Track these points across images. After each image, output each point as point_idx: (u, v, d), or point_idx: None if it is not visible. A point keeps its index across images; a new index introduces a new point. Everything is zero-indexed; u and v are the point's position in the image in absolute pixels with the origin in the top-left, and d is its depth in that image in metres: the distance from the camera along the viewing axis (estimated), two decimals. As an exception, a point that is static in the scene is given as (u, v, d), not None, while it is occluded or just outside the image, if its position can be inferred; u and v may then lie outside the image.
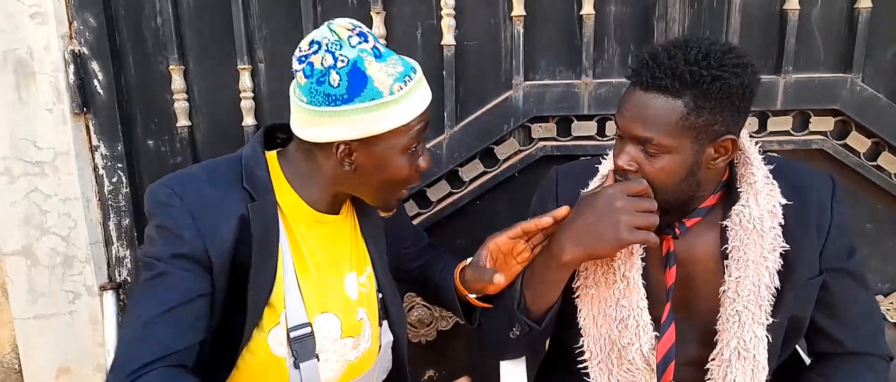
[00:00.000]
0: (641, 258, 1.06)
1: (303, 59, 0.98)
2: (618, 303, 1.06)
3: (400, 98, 0.97)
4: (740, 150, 1.05)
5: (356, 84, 0.95)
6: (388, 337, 1.20)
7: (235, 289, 1.02)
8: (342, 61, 0.95)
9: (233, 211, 1.00)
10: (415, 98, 1.00)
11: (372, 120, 0.96)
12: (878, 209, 1.64)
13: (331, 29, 0.98)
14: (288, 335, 1.03)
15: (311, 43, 0.98)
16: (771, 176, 1.03)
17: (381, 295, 1.18)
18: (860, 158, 1.58)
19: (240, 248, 1.00)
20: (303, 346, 1.04)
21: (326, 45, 0.96)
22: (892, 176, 1.59)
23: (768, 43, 1.53)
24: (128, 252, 1.68)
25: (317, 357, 1.06)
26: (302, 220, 1.07)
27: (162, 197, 0.99)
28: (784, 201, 1.02)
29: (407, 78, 0.99)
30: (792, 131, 1.56)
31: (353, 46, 0.96)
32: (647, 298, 1.06)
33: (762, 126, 1.57)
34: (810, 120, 1.56)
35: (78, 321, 1.70)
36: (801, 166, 1.10)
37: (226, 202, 1.00)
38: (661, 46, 0.96)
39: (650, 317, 1.05)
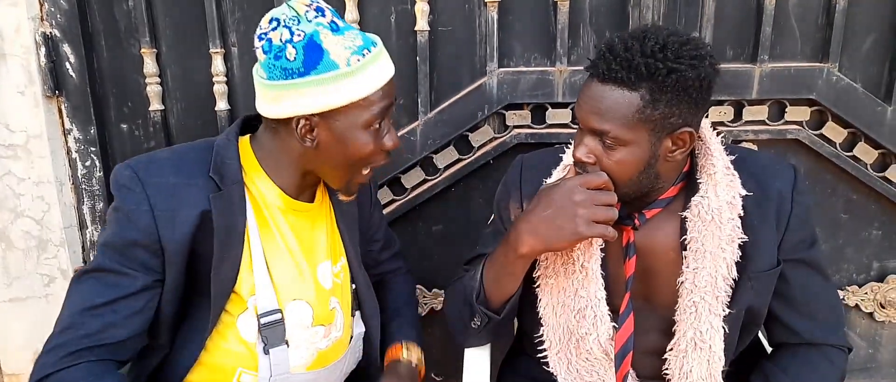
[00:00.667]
0: (601, 249, 1.05)
1: (262, 36, 0.97)
2: (576, 293, 1.05)
3: (356, 70, 0.95)
4: (701, 140, 1.04)
5: (312, 57, 0.94)
6: (360, 328, 1.20)
7: (196, 276, 1.02)
8: (299, 35, 0.94)
9: (195, 200, 0.99)
10: (372, 70, 0.97)
11: (328, 92, 0.95)
12: (853, 200, 1.64)
13: (289, 5, 0.97)
14: (258, 321, 1.04)
15: (271, 20, 0.97)
16: (732, 167, 1.03)
17: (354, 286, 1.19)
18: (836, 148, 1.57)
19: (200, 237, 1.00)
20: (273, 333, 1.05)
21: (284, 20, 0.96)
22: (868, 167, 1.58)
23: (744, 32, 1.51)
24: (102, 236, 1.68)
25: (286, 343, 1.06)
26: (276, 206, 1.07)
27: (123, 180, 0.99)
28: (744, 192, 1.01)
29: (365, 51, 0.97)
30: (768, 121, 1.56)
31: (310, 21, 0.96)
32: (606, 289, 1.06)
33: (738, 115, 1.56)
34: (786, 110, 1.55)
35: (53, 305, 1.70)
36: (763, 156, 1.09)
37: (189, 191, 1.00)
38: (618, 38, 0.95)
39: (608, 308, 1.05)
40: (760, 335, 1.22)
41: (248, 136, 1.10)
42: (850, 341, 1.57)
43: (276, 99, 0.97)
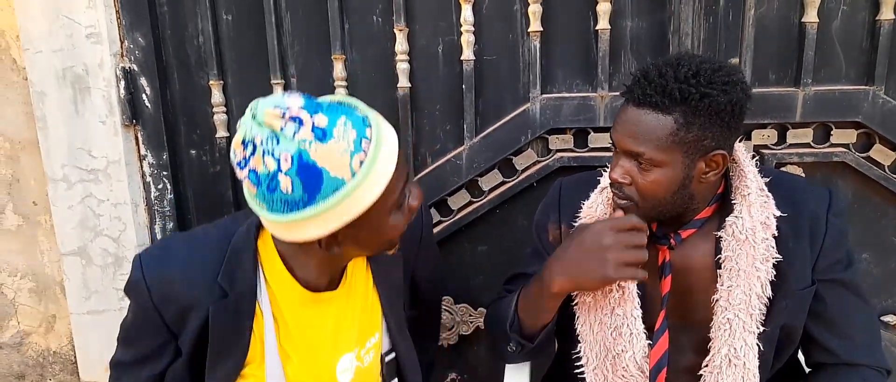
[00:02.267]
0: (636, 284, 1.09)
1: (242, 164, 0.86)
2: (613, 311, 1.09)
3: (365, 173, 0.86)
4: (736, 162, 1.07)
5: (311, 183, 0.84)
6: None
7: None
8: (286, 162, 0.82)
9: (200, 306, 1.00)
10: (381, 163, 0.87)
11: (344, 210, 0.86)
12: (905, 223, 1.61)
13: (258, 122, 0.83)
14: None
15: (244, 143, 0.85)
16: (766, 189, 1.05)
17: (393, 355, 1.16)
18: (884, 171, 1.55)
19: (206, 335, 1.02)
20: None
21: (260, 144, 0.83)
22: (919, 189, 1.56)
23: (786, 55, 1.53)
24: (171, 254, 1.81)
25: None
26: (294, 301, 1.04)
27: (132, 284, 1.02)
28: (778, 213, 1.03)
29: (364, 141, 0.86)
30: (813, 144, 1.56)
31: (291, 138, 0.83)
32: (642, 307, 1.09)
33: (782, 138, 1.56)
34: (832, 133, 1.55)
35: (126, 317, 1.84)
36: (798, 179, 1.11)
37: (194, 297, 1.00)
38: (653, 64, 1.00)
39: (643, 326, 1.08)
40: (799, 355, 1.22)
41: (265, 232, 1.05)
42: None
43: (286, 230, 0.90)
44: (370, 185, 0.86)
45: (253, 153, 0.84)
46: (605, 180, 1.16)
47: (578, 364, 1.16)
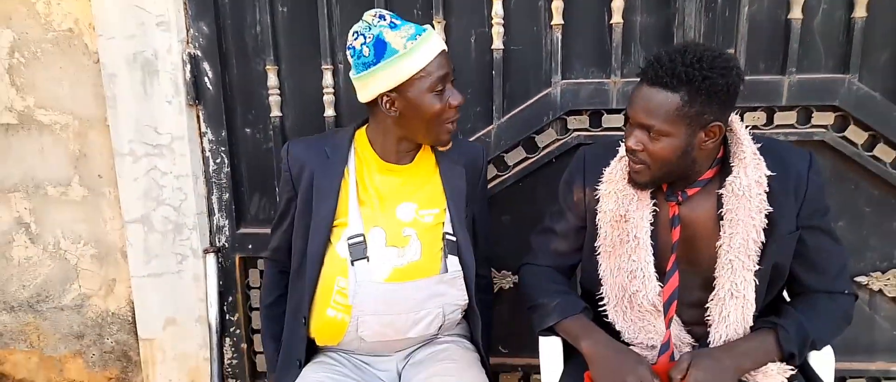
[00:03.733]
0: (650, 223, 1.31)
1: (349, 47, 1.37)
2: (629, 258, 1.31)
3: (411, 51, 1.31)
4: (733, 132, 1.30)
5: (379, 50, 1.32)
6: (455, 267, 1.46)
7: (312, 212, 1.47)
8: (369, 38, 1.33)
9: (311, 166, 1.46)
10: (424, 49, 1.33)
11: (395, 71, 1.32)
12: (875, 195, 1.85)
13: (363, 20, 1.36)
14: (347, 242, 1.41)
15: (352, 33, 1.37)
16: (758, 153, 1.28)
17: (452, 237, 1.47)
18: (858, 149, 1.80)
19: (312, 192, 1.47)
20: (356, 249, 1.41)
21: (360, 31, 1.35)
22: (888, 165, 1.80)
23: (774, 47, 1.77)
24: (227, 222, 2.02)
25: (367, 258, 1.41)
26: (372, 167, 1.46)
27: (282, 154, 1.52)
28: (769, 173, 1.26)
29: (417, 36, 1.32)
30: (796, 125, 1.79)
31: (375, 26, 1.33)
32: (654, 254, 1.31)
33: (770, 120, 1.80)
34: (812, 115, 1.79)
35: (184, 280, 2.04)
36: (784, 144, 1.34)
37: (311, 157, 1.47)
38: (664, 51, 1.22)
39: (655, 270, 1.31)
40: (785, 294, 1.46)
41: (364, 127, 1.51)
42: (878, 324, 1.82)
43: (363, 87, 1.37)
44: (414, 59, 1.32)
45: (356, 38, 1.35)
46: (622, 150, 1.38)
47: (601, 303, 1.39)
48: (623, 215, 1.32)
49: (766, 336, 1.26)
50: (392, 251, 1.42)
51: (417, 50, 1.32)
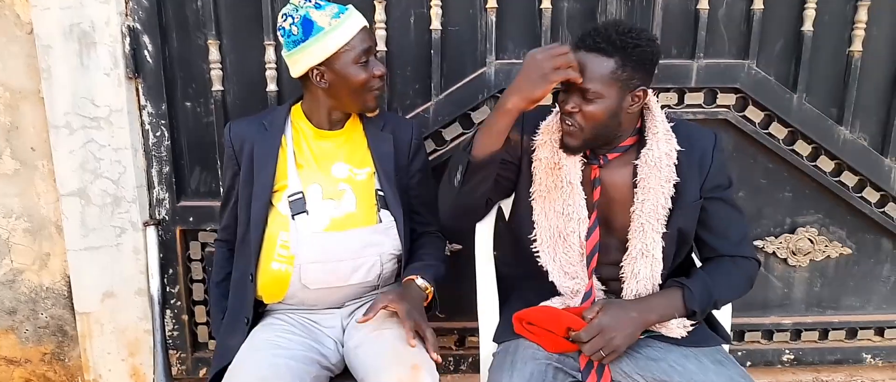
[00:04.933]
0: (580, 180, 1.46)
1: (280, 28, 1.51)
2: (564, 202, 1.45)
3: (335, 27, 1.46)
4: (649, 110, 1.46)
5: (306, 28, 1.46)
6: (388, 219, 1.58)
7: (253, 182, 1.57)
8: (296, 18, 1.47)
9: (252, 139, 1.57)
10: (347, 25, 1.47)
11: (322, 46, 1.46)
12: (769, 168, 2.08)
13: (290, 2, 1.50)
14: (288, 199, 1.53)
15: (282, 16, 1.50)
16: (671, 130, 1.45)
17: (382, 193, 1.58)
18: (755, 126, 2.01)
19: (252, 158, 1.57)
20: (296, 204, 1.53)
21: (288, 13, 1.49)
22: (780, 141, 2.03)
23: (685, 34, 1.95)
24: (167, 194, 2.03)
25: (306, 212, 1.53)
26: (307, 134, 1.59)
27: (224, 132, 1.62)
28: (678, 148, 1.43)
29: (340, 15, 1.47)
30: (703, 105, 1.99)
31: (302, 7, 1.47)
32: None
33: (681, 100, 1.99)
34: (717, 96, 1.99)
35: (123, 252, 2.04)
36: (693, 124, 1.51)
37: (251, 132, 1.58)
38: (600, 23, 1.39)
39: (587, 213, 1.45)
40: (694, 257, 1.65)
41: (299, 103, 1.64)
42: (771, 283, 2.04)
43: (295, 63, 1.51)
44: (337, 35, 1.46)
45: (285, 18, 1.49)
46: (557, 110, 1.50)
47: (534, 244, 1.52)
48: (556, 163, 1.45)
49: (674, 293, 1.43)
50: (329, 204, 1.54)
51: (341, 26, 1.45)
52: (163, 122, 1.97)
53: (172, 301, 2.13)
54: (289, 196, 1.53)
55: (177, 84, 1.98)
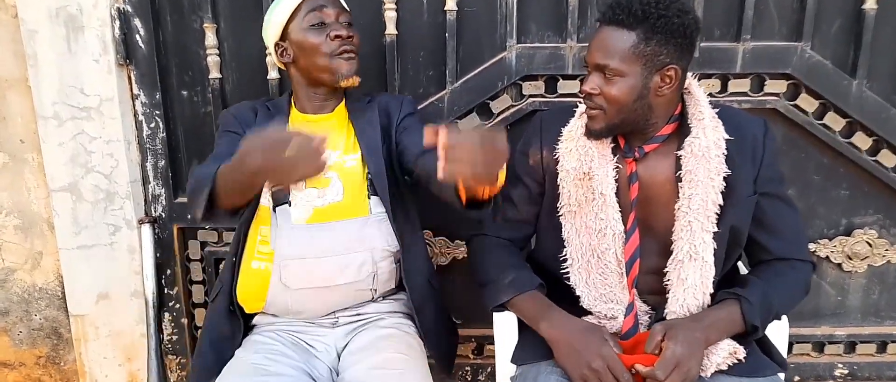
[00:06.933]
0: (615, 179, 1.28)
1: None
2: (596, 216, 1.28)
3: None
4: (691, 94, 1.27)
5: (267, 5, 1.45)
6: (379, 207, 1.43)
7: None
8: None
9: (258, 122, 1.48)
10: None
11: (275, 19, 1.41)
12: (823, 163, 1.87)
13: None
14: (269, 188, 1.35)
15: None
16: (716, 117, 1.26)
17: (370, 177, 1.43)
18: (809, 117, 1.80)
19: None
20: (278, 193, 1.40)
21: None
22: (837, 133, 1.82)
23: (730, 14, 1.75)
24: (163, 190, 1.89)
25: (288, 202, 1.39)
26: (297, 121, 1.49)
27: (223, 113, 1.54)
28: (727, 136, 1.24)
29: None
30: (750, 92, 1.79)
31: None
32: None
33: (724, 87, 1.79)
34: (765, 83, 1.78)
35: (117, 252, 1.91)
36: (738, 110, 1.33)
37: (252, 117, 1.49)
38: None
39: (623, 227, 1.28)
40: (740, 264, 1.45)
41: None
42: (824, 290, 1.83)
43: (266, 35, 1.46)
44: (284, 3, 1.39)
45: None
46: (581, 108, 1.34)
47: (565, 265, 1.35)
48: (586, 173, 1.29)
49: (731, 307, 1.23)
50: (312, 192, 1.40)
51: None
52: (157, 112, 1.83)
53: (171, 304, 1.99)
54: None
55: (171, 71, 1.84)
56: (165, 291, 1.97)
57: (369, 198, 1.43)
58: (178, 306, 1.99)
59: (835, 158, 1.86)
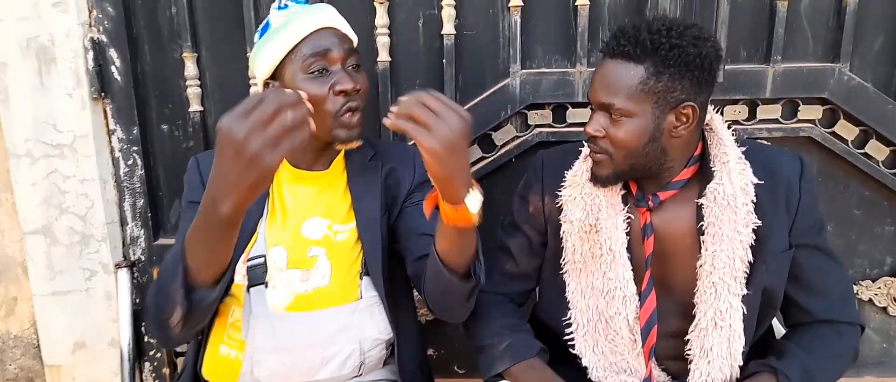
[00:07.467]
0: (626, 232, 1.11)
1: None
2: (604, 275, 1.11)
3: (283, 26, 1.14)
4: (713, 132, 1.10)
5: (263, 30, 1.18)
6: (370, 292, 1.22)
7: None
8: (264, 24, 1.20)
9: None
10: (297, 24, 1.13)
11: (268, 51, 1.15)
12: (865, 196, 1.68)
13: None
14: (246, 264, 1.19)
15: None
16: (743, 157, 1.09)
17: (364, 256, 1.23)
18: (848, 145, 1.62)
19: None
20: (254, 273, 1.18)
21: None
22: (880, 164, 1.63)
23: (757, 33, 1.58)
24: (142, 232, 1.76)
25: (266, 284, 1.18)
26: (283, 174, 1.24)
27: (189, 166, 1.30)
28: (756, 180, 1.07)
29: (288, 7, 1.17)
30: (781, 119, 1.61)
31: (272, 10, 1.19)
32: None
33: (752, 114, 1.62)
34: (799, 108, 1.60)
35: (93, 298, 1.78)
36: (771, 148, 1.15)
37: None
38: (629, 22, 1.03)
39: (635, 288, 1.11)
40: (774, 322, 1.27)
41: None
42: (867, 337, 1.64)
43: (254, 65, 1.20)
44: (283, 35, 1.13)
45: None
46: (586, 149, 1.18)
47: (567, 331, 1.18)
48: (593, 225, 1.12)
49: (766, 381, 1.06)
50: (294, 274, 1.19)
51: (289, 25, 1.13)
52: (135, 148, 1.70)
53: (151, 353, 1.85)
54: (248, 260, 1.19)
55: (150, 104, 1.71)
56: (145, 339, 1.83)
57: (361, 278, 1.23)
58: (159, 355, 1.85)
59: (878, 190, 1.67)
